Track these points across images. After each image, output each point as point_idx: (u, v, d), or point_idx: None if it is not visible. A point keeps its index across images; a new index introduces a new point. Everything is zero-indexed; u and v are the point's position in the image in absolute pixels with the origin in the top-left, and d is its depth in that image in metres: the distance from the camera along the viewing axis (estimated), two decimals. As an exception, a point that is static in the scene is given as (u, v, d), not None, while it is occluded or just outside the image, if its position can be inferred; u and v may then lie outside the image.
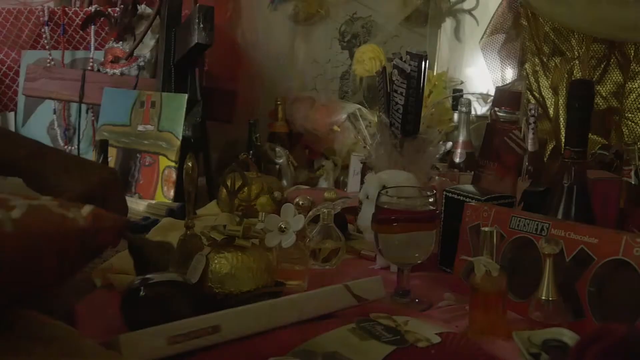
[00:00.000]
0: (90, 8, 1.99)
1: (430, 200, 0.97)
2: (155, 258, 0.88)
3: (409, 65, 1.16)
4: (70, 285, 0.81)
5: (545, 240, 0.83)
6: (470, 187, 1.18)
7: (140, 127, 1.69)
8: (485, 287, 0.83)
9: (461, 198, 1.11)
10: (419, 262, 0.99)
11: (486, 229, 0.86)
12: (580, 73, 1.87)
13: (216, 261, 0.87)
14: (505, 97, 1.26)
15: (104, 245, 0.55)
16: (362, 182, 1.36)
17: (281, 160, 1.85)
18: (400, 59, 1.19)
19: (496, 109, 1.25)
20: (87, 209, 0.54)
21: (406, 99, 1.16)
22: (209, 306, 0.83)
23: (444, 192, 1.15)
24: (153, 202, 1.60)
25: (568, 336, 0.66)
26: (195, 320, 0.68)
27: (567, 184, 1.01)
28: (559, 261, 0.85)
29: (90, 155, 1.82)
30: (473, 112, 1.83)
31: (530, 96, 1.92)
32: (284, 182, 1.82)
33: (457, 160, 1.72)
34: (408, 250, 0.97)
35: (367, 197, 1.12)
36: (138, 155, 1.68)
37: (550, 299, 0.82)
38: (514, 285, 0.92)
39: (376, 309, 0.83)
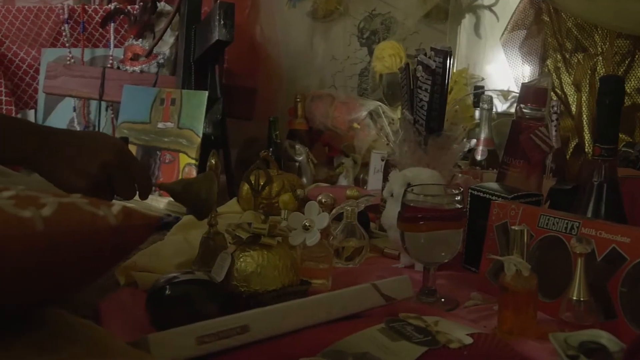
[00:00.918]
0: (109, 6, 1.99)
1: (457, 198, 0.96)
2: (200, 193, 0.93)
3: (434, 61, 1.14)
4: (94, 283, 0.81)
5: (577, 240, 0.82)
6: (495, 185, 1.16)
7: (160, 125, 1.69)
8: (516, 287, 0.82)
9: (487, 196, 1.10)
10: (445, 261, 0.98)
11: (516, 227, 0.84)
12: (603, 69, 1.84)
13: (242, 259, 0.86)
14: (530, 93, 1.23)
15: (135, 244, 0.54)
16: (384, 180, 1.35)
17: (301, 158, 1.84)
18: (425, 55, 1.17)
19: (522, 105, 1.23)
20: (117, 206, 0.53)
21: (431, 95, 1.15)
22: (234, 305, 0.83)
23: (469, 190, 1.13)
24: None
25: (606, 338, 0.65)
26: (224, 320, 0.68)
27: (597, 182, 0.99)
28: (590, 261, 0.83)
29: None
30: (494, 109, 1.81)
31: (552, 93, 1.90)
32: (304, 180, 1.81)
33: (478, 157, 1.70)
34: (435, 249, 0.96)
35: (392, 195, 1.11)
36: (158, 152, 1.68)
37: (582, 299, 0.81)
38: (541, 285, 0.90)
39: (403, 309, 0.82)
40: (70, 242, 0.50)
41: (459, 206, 0.96)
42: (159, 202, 1.60)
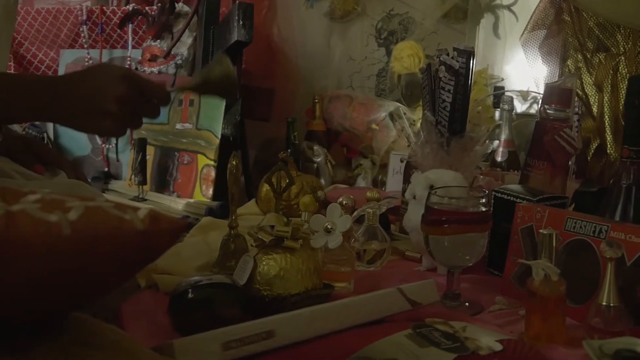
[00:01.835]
0: (127, 7, 1.99)
1: (482, 200, 0.94)
2: (221, 76, 0.97)
3: (457, 61, 1.12)
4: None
5: (607, 244, 0.80)
6: (519, 187, 1.14)
7: (178, 126, 1.69)
8: (544, 292, 0.80)
9: (511, 199, 1.08)
10: (470, 264, 0.96)
11: (545, 231, 0.83)
12: (626, 69, 1.81)
13: (264, 262, 0.85)
14: (555, 94, 1.22)
15: (162, 249, 0.53)
16: (404, 182, 1.33)
17: (319, 159, 1.83)
18: (447, 55, 1.16)
19: (546, 106, 1.21)
20: (144, 211, 0.52)
21: (454, 96, 1.13)
22: (257, 308, 0.82)
23: (493, 193, 1.12)
24: (192, 200, 1.59)
25: (642, 346, 0.63)
26: (250, 325, 0.66)
27: (625, 185, 0.97)
28: (620, 265, 0.82)
29: (128, 155, 1.82)
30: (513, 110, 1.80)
31: (572, 93, 1.87)
32: (322, 181, 1.80)
33: (499, 159, 1.68)
34: (459, 252, 0.94)
35: (414, 197, 1.09)
36: (176, 153, 1.67)
37: (612, 304, 0.79)
38: (568, 289, 0.88)
39: (428, 313, 0.80)
40: (97, 246, 0.49)
41: (484, 209, 0.94)
42: (177, 204, 1.59)
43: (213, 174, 1.59)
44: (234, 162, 1.03)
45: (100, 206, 0.52)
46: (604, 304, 0.79)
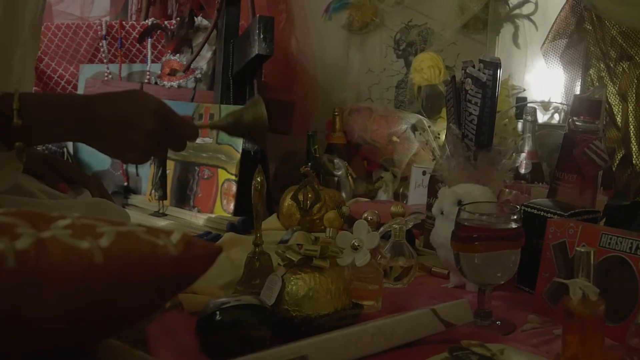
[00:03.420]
0: (147, 21, 1.99)
1: (514, 217, 0.92)
2: (254, 120, 0.98)
3: (484, 73, 1.11)
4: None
5: (647, 261, 0.77)
6: (548, 202, 1.12)
7: (198, 140, 1.67)
8: (583, 312, 0.77)
9: (542, 213, 1.05)
10: (502, 282, 0.94)
11: (582, 249, 0.80)
12: (651, 78, 1.78)
13: (293, 282, 0.83)
14: (584, 105, 1.19)
15: (195, 275, 0.51)
16: (429, 196, 1.31)
17: (340, 172, 1.81)
18: (473, 67, 1.14)
19: (574, 118, 1.19)
20: (177, 235, 0.51)
21: (481, 109, 1.11)
22: (285, 330, 0.80)
23: (522, 207, 1.09)
24: (213, 216, 1.57)
25: (693, 372, 0.60)
26: (282, 350, 0.65)
27: (661, 199, 0.95)
28: (660, 283, 0.79)
29: (148, 170, 1.81)
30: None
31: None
32: (343, 194, 1.78)
33: (522, 171, 1.66)
34: (491, 269, 0.92)
35: (442, 213, 1.07)
36: (196, 168, 1.66)
37: (652, 324, 0.76)
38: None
39: (461, 333, 0.78)
40: (129, 274, 0.48)
41: (516, 225, 0.92)
42: (198, 219, 1.58)
43: (234, 188, 1.57)
44: (258, 179, 1.01)
45: (132, 231, 0.50)
46: (644, 323, 0.77)
